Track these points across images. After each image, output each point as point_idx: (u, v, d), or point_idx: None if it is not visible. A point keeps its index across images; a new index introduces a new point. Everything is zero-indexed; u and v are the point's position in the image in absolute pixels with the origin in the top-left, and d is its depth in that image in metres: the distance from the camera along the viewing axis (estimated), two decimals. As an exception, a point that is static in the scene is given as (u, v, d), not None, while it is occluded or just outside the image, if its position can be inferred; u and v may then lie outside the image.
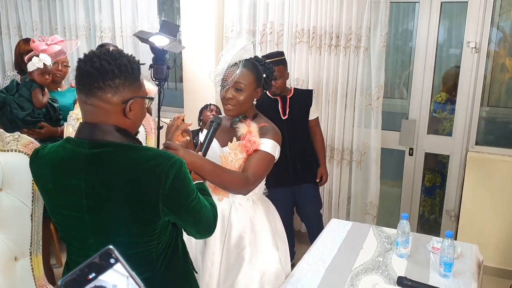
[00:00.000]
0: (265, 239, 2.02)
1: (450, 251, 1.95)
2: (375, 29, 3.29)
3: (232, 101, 1.93)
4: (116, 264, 0.71)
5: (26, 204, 1.78)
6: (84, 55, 1.31)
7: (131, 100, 1.32)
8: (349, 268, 2.04)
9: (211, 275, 1.97)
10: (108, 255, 0.71)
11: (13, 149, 1.75)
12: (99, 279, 0.70)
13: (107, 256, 0.71)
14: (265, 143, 1.92)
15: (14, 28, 4.47)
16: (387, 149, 3.71)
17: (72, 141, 1.34)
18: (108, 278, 0.70)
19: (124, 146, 1.31)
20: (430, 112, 3.60)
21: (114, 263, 0.71)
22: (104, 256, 0.71)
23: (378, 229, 2.43)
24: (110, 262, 0.71)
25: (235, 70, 1.90)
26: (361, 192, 3.62)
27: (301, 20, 3.44)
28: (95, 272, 0.70)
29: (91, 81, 1.27)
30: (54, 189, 1.36)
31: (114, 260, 0.71)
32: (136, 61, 1.36)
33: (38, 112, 2.81)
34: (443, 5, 3.35)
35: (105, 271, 0.71)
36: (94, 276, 0.70)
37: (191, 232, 1.47)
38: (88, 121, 1.32)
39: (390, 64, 4.46)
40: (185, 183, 1.34)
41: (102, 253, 0.71)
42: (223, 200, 2.01)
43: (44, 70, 2.81)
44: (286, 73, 3.08)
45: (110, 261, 0.71)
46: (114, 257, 0.71)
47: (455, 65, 3.60)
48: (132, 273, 0.71)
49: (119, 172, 1.29)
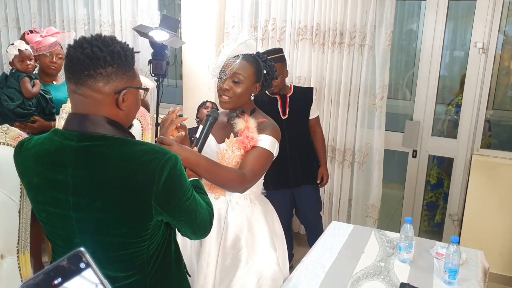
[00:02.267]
0: (262, 240, 1.95)
1: (456, 257, 1.89)
2: (380, 26, 3.23)
3: (229, 92, 1.85)
4: (86, 269, 0.63)
5: (13, 199, 1.72)
6: (74, 41, 1.22)
7: (124, 91, 1.23)
8: (350, 273, 1.97)
9: (206, 277, 1.90)
10: (78, 258, 0.63)
11: (1, 142, 1.68)
12: (64, 285, 0.62)
13: (77, 259, 0.63)
14: (263, 139, 1.85)
15: (12, 21, 4.41)
16: (390, 151, 3.65)
17: (60, 133, 1.25)
18: (75, 285, 0.62)
19: (115, 140, 1.22)
20: (451, 115, 3.52)
21: (84, 268, 0.63)
22: (73, 259, 0.63)
23: (380, 232, 2.36)
24: (80, 266, 0.63)
25: (234, 61, 1.83)
26: (362, 194, 3.55)
27: (304, 17, 3.37)
28: (62, 277, 0.62)
29: (81, 69, 1.18)
30: (39, 184, 1.27)
31: (84, 265, 0.63)
32: (130, 48, 1.27)
33: (29, 104, 2.73)
34: (450, 4, 3.28)
35: (73, 276, 0.62)
36: (60, 282, 0.62)
37: (185, 233, 1.38)
38: (78, 112, 1.23)
39: (394, 65, 4.39)
40: (180, 180, 1.26)
41: (71, 255, 0.63)
42: (220, 199, 1.94)
43: (22, 56, 2.73)
44: (285, 70, 2.99)
45: (80, 265, 0.63)
46: (84, 261, 0.63)
47: (460, 66, 3.53)
48: (104, 281, 0.63)
49: (109, 168, 1.20)
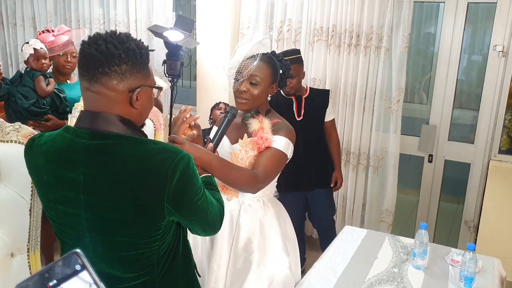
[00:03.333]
0: (275, 243, 1.92)
1: (472, 264, 1.84)
2: (397, 29, 3.17)
3: (246, 94, 1.83)
4: (82, 271, 0.61)
5: (24, 198, 1.71)
6: (89, 37, 1.20)
7: (139, 89, 1.22)
8: (362, 279, 1.93)
9: (217, 279, 1.87)
10: (74, 260, 0.61)
11: (13, 140, 1.67)
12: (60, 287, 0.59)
13: (73, 261, 0.61)
14: (277, 141, 1.82)
15: (28, 20, 4.45)
16: (405, 155, 3.59)
17: (72, 131, 1.23)
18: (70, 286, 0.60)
19: (128, 138, 1.20)
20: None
21: (80, 270, 0.61)
22: (69, 261, 0.61)
23: (394, 238, 2.31)
24: (76, 268, 0.60)
25: (251, 62, 1.81)
26: (376, 198, 3.50)
27: (320, 18, 3.33)
28: (57, 280, 0.60)
29: (95, 66, 1.16)
30: (50, 182, 1.25)
31: (80, 267, 0.61)
32: (145, 46, 1.25)
33: (43, 102, 2.74)
34: (469, 6, 3.22)
35: (68, 279, 0.60)
36: (55, 284, 0.59)
37: (196, 230, 1.37)
38: (90, 109, 1.22)
39: (411, 68, 4.33)
40: (192, 180, 1.24)
41: (67, 257, 0.61)
42: (232, 200, 1.92)
43: (37, 55, 2.75)
44: (301, 72, 2.96)
45: (76, 267, 0.60)
46: (80, 263, 0.61)
47: (478, 71, 3.44)
48: (100, 284, 0.60)
49: (121, 166, 1.18)
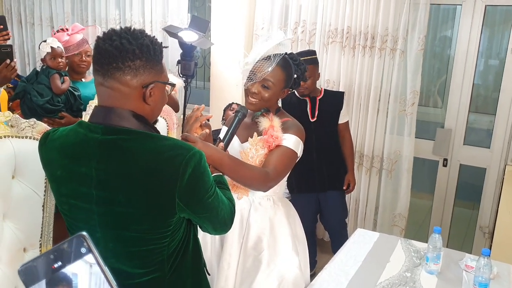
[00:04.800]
0: (284, 242, 1.92)
1: (486, 270, 1.81)
2: (413, 31, 3.15)
3: (257, 95, 1.84)
4: (87, 254, 0.60)
5: (38, 193, 1.72)
6: (104, 33, 1.22)
7: (152, 85, 1.23)
8: (374, 282, 1.91)
9: (227, 278, 1.88)
10: (79, 243, 0.60)
11: (28, 136, 1.68)
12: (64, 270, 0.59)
13: (78, 244, 0.60)
14: (287, 139, 1.82)
15: (46, 19, 4.51)
16: (419, 159, 3.55)
17: (85, 125, 1.25)
18: (75, 270, 0.59)
19: (140, 134, 1.21)
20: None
21: (85, 253, 0.60)
22: (74, 243, 0.60)
23: (407, 242, 2.28)
24: (81, 251, 0.60)
25: (267, 66, 1.80)
26: (390, 202, 3.47)
27: (335, 19, 3.32)
28: (62, 261, 0.60)
29: (109, 61, 1.18)
30: (63, 176, 1.27)
31: (85, 250, 0.60)
32: (159, 43, 1.26)
33: (57, 100, 2.76)
34: (487, 9, 3.18)
35: (73, 261, 0.60)
36: (60, 266, 0.59)
37: (206, 228, 1.37)
38: (104, 104, 1.23)
39: (426, 71, 4.28)
40: (204, 177, 1.24)
41: (72, 239, 0.60)
42: (243, 199, 1.92)
43: (54, 53, 2.77)
44: (317, 73, 2.96)
45: (81, 250, 0.60)
46: (86, 246, 0.60)
47: (495, 75, 3.40)
48: (104, 268, 0.60)
49: (133, 162, 1.19)
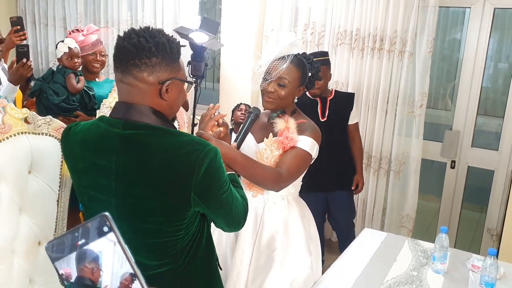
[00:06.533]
0: (298, 242, 1.94)
1: (493, 270, 1.82)
2: (422, 33, 3.17)
3: (273, 94, 1.86)
4: (109, 233, 0.65)
5: (53, 188, 1.77)
6: (124, 32, 1.27)
7: (168, 82, 1.26)
8: (381, 280, 1.93)
9: (239, 274, 1.91)
10: (102, 222, 0.65)
11: (44, 132, 1.73)
12: (87, 247, 0.64)
13: (101, 223, 0.66)
14: (303, 141, 1.84)
15: (59, 20, 4.58)
16: (427, 160, 3.56)
17: (106, 120, 1.29)
18: (96, 246, 0.64)
19: (159, 130, 1.26)
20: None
21: (107, 231, 0.66)
22: (98, 222, 0.66)
23: (413, 242, 2.31)
24: (103, 230, 0.65)
25: (281, 64, 1.83)
26: (397, 203, 3.48)
27: (344, 21, 3.34)
28: (85, 239, 0.64)
29: (127, 58, 1.22)
30: (84, 168, 1.31)
31: (107, 229, 0.66)
32: (176, 41, 1.30)
33: (72, 99, 2.82)
34: (496, 12, 3.19)
35: (96, 239, 0.65)
36: (84, 243, 0.64)
37: (220, 224, 1.40)
38: (124, 100, 1.28)
39: (435, 73, 4.29)
40: (218, 173, 1.28)
41: (95, 219, 0.66)
42: (257, 197, 1.95)
43: (71, 53, 2.83)
44: (329, 74, 3.00)
45: (104, 229, 0.65)
46: (108, 225, 0.65)
47: (504, 79, 3.41)
48: (124, 246, 0.65)
49: (152, 156, 1.23)
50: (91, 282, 0.65)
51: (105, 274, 0.65)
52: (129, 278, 0.64)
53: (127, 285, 0.64)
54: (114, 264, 0.65)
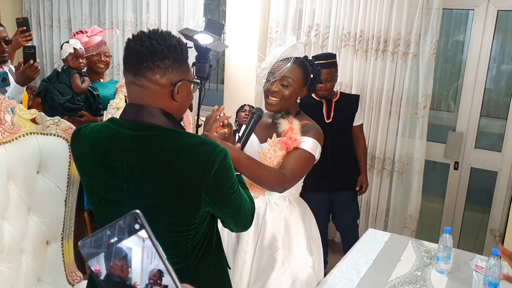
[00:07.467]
0: (299, 242, 1.96)
1: (496, 270, 1.83)
2: (425, 35, 3.18)
3: (278, 94, 1.87)
4: (140, 230, 0.67)
5: (61, 188, 1.79)
6: (133, 35, 1.28)
7: (180, 83, 1.28)
8: (385, 280, 1.94)
9: (241, 274, 1.92)
10: (133, 220, 0.67)
11: (52, 133, 1.75)
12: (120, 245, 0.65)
13: (133, 221, 0.67)
14: (306, 142, 1.86)
15: (64, 22, 4.60)
16: (431, 162, 3.57)
17: (117, 122, 1.31)
18: (126, 243, 0.66)
19: (170, 131, 1.27)
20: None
21: (139, 229, 0.67)
22: (129, 220, 0.67)
23: (417, 242, 2.32)
24: (135, 228, 0.67)
25: (284, 64, 1.85)
26: (401, 204, 3.49)
27: (348, 23, 3.36)
28: (118, 237, 0.66)
29: (140, 61, 1.23)
30: (95, 169, 1.32)
31: (139, 226, 0.67)
32: (185, 43, 1.32)
33: (77, 99, 2.84)
34: (499, 14, 3.20)
35: (128, 236, 0.67)
36: (116, 241, 0.66)
37: (228, 224, 1.41)
38: (135, 102, 1.29)
39: (439, 75, 4.30)
40: (228, 173, 1.29)
41: (126, 217, 0.67)
42: (259, 198, 1.96)
43: (76, 54, 2.86)
44: (336, 76, 3.01)
45: (135, 226, 0.67)
46: (139, 222, 0.67)
47: (508, 80, 3.42)
48: (155, 242, 0.67)
49: (163, 157, 1.24)
50: (121, 279, 0.66)
51: (134, 271, 0.66)
52: (157, 274, 0.66)
53: (156, 281, 0.66)
54: (143, 261, 0.67)
